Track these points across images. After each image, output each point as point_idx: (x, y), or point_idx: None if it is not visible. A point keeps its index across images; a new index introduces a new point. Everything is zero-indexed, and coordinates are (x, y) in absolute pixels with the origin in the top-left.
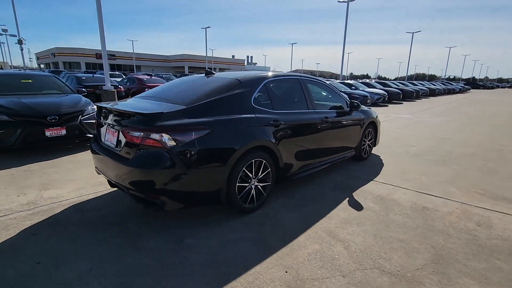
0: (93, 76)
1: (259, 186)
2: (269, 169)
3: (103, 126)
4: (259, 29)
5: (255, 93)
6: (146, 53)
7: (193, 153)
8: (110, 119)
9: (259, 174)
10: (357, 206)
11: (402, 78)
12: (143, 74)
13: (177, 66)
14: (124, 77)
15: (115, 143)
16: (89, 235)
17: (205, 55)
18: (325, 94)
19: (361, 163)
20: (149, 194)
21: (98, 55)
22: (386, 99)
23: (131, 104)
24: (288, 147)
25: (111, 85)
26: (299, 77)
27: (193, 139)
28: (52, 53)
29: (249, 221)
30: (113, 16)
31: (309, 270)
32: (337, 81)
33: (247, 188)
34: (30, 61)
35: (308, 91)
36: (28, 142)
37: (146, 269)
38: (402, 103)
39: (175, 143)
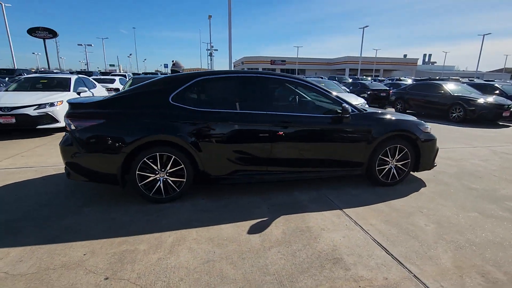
0: None
1: (169, 180)
2: (182, 166)
3: None
4: (444, 22)
5: (177, 91)
6: (311, 57)
7: (86, 137)
8: None
9: (168, 168)
10: (257, 229)
11: None
12: None
13: (339, 69)
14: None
15: None
16: (62, 189)
17: (370, 56)
18: (309, 96)
19: (373, 188)
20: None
21: (272, 61)
22: None
23: (88, 97)
24: (213, 147)
25: None
26: (255, 75)
27: (87, 126)
28: (242, 62)
29: (142, 209)
30: (300, 25)
31: (101, 261)
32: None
33: (152, 178)
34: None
35: (264, 90)
36: None
37: (39, 214)
38: None
39: (74, 128)
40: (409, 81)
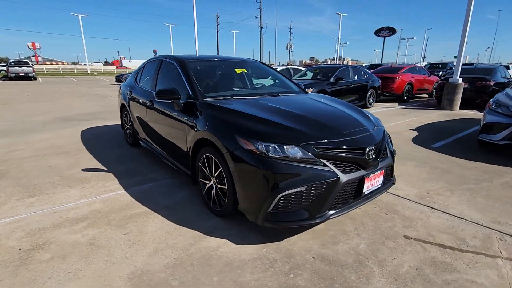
0: None
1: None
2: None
3: None
4: None
5: (138, 73)
6: None
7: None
8: None
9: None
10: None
11: None
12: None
13: None
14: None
15: None
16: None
17: None
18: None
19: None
20: None
21: None
22: None
23: None
24: (133, 114)
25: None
26: (161, 59)
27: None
28: None
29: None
30: None
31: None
32: None
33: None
34: None
35: (159, 72)
36: None
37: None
38: None
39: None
40: None
